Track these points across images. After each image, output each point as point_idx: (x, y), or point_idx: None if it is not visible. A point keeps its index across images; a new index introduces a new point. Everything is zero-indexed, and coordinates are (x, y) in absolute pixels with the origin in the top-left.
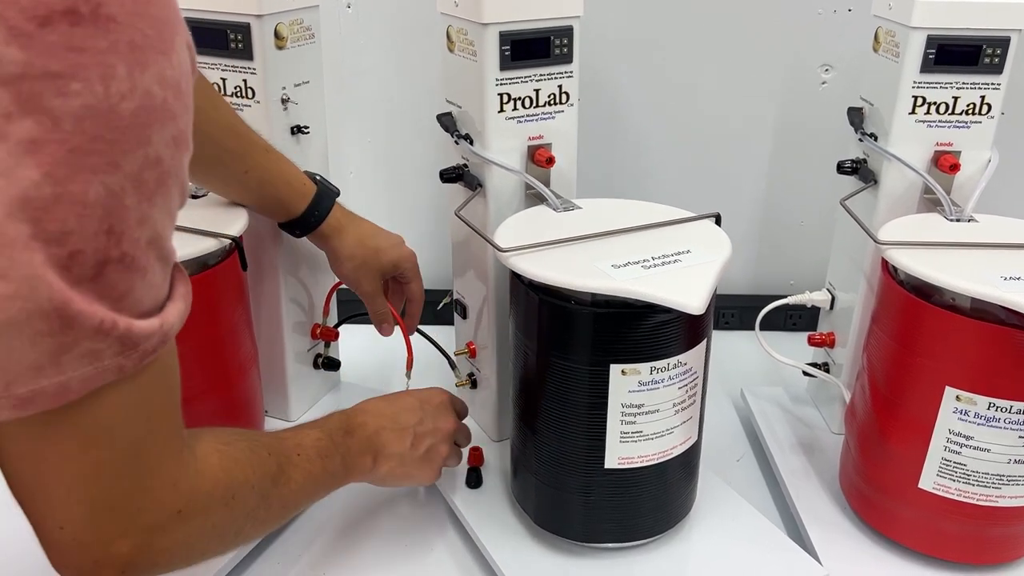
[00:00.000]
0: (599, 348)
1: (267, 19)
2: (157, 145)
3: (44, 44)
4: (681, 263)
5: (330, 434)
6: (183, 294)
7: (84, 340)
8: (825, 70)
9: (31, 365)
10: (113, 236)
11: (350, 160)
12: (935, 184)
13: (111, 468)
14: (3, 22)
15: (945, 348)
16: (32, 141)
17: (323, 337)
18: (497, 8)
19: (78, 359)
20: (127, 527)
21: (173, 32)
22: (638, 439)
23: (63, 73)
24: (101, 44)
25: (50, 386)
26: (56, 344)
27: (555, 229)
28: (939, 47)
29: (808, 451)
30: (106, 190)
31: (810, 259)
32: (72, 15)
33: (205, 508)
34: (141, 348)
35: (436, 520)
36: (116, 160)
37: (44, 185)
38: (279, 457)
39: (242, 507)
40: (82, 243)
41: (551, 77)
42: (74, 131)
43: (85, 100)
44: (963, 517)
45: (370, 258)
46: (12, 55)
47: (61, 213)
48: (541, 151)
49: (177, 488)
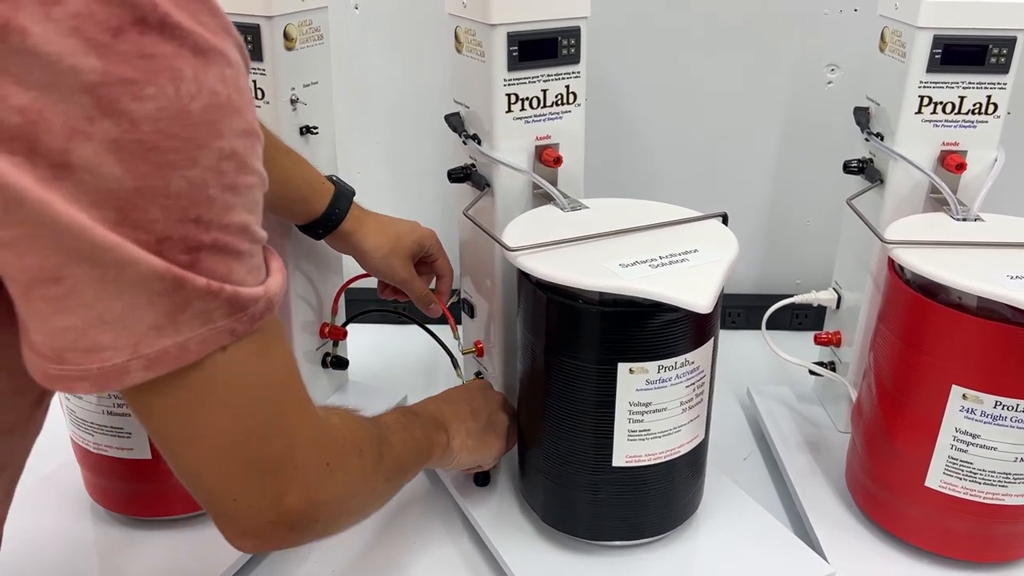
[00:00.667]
0: (607, 347)
1: (276, 20)
2: (229, 138)
3: (118, 53)
4: (688, 262)
5: (401, 414)
6: (278, 268)
7: (196, 300)
8: (831, 70)
9: (152, 324)
10: (201, 224)
11: (358, 160)
12: (941, 183)
13: (258, 431)
14: (81, 35)
15: (951, 347)
16: (113, 140)
17: (331, 336)
18: (505, 9)
19: (192, 319)
20: (289, 484)
21: (226, 34)
22: (645, 437)
23: (137, 79)
24: (167, 50)
25: (172, 346)
26: (171, 304)
27: (563, 228)
28: (945, 47)
29: (814, 449)
30: (188, 183)
31: (816, 258)
32: (141, 24)
33: (344, 460)
34: (250, 311)
35: (444, 518)
36: (194, 155)
37: (126, 179)
38: (374, 426)
39: (370, 460)
40: (168, 230)
41: (558, 77)
42: (152, 131)
43: (159, 102)
44: (969, 515)
45: (395, 245)
46: (91, 64)
47: (144, 204)
48: (548, 151)
49: (320, 443)
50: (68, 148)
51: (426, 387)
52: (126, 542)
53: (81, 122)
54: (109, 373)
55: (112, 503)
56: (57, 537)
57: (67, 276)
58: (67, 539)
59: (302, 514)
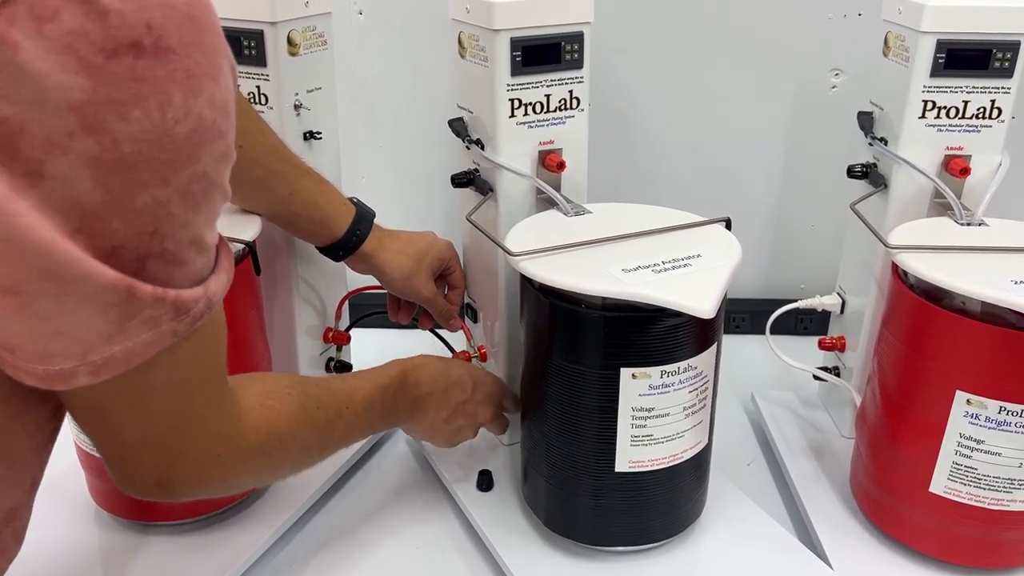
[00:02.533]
0: (609, 352)
1: (280, 26)
2: (205, 162)
3: (110, 74)
4: (691, 267)
5: (383, 389)
6: (226, 267)
7: (145, 308)
8: (835, 74)
9: (102, 334)
10: (156, 237)
11: (362, 165)
12: (945, 188)
13: (164, 417)
14: (74, 53)
15: (955, 352)
16: (93, 158)
17: (335, 341)
18: (508, 15)
19: (140, 325)
20: (175, 461)
21: (221, 57)
22: (648, 443)
23: (125, 100)
24: (160, 74)
25: (120, 352)
26: (122, 313)
27: (566, 233)
28: (949, 51)
29: (819, 455)
30: (154, 200)
31: (821, 263)
32: (137, 48)
33: (244, 454)
34: (191, 313)
35: (446, 522)
36: (167, 176)
37: (95, 192)
38: (327, 411)
39: (282, 455)
40: (124, 240)
41: (562, 83)
42: (131, 151)
43: (143, 125)
44: (974, 521)
45: (417, 265)
46: (80, 83)
47: (107, 215)
48: (552, 156)
49: (218, 435)
50: (43, 159)
51: None
52: (130, 546)
53: (62, 137)
54: (54, 376)
55: (116, 507)
56: (61, 541)
57: (25, 291)
58: (71, 543)
59: (174, 484)
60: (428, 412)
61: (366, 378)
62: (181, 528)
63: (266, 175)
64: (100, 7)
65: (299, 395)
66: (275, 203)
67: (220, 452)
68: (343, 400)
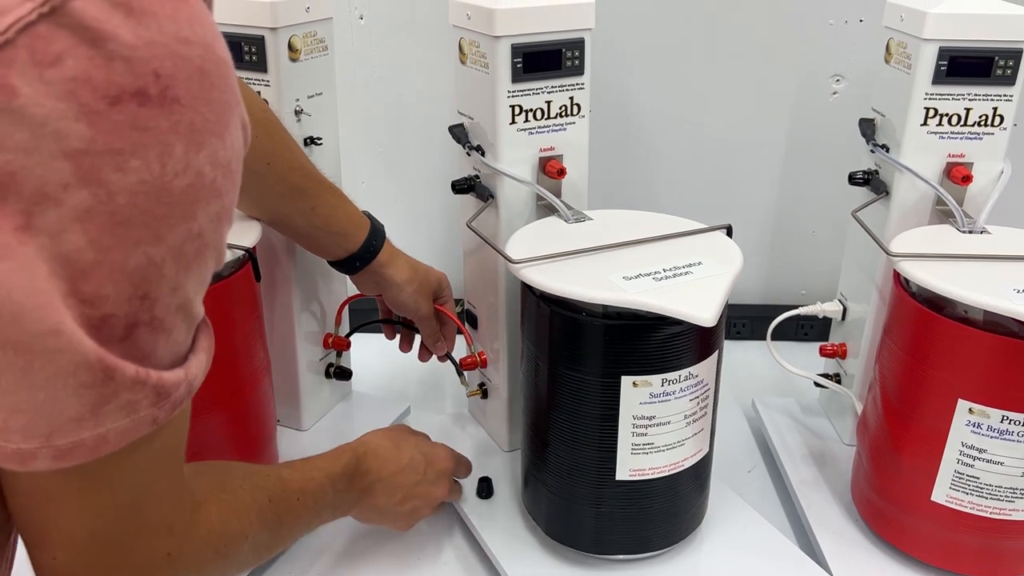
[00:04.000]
0: (610, 360)
1: (281, 32)
2: (201, 221)
3: (111, 122)
4: (692, 275)
5: (333, 481)
6: (206, 347)
7: (123, 391)
8: (836, 80)
9: (72, 417)
10: (147, 301)
11: (362, 170)
12: (947, 196)
13: (113, 511)
14: (75, 99)
15: (957, 360)
16: (85, 210)
17: (335, 347)
18: (509, 21)
19: (116, 411)
20: (119, 564)
21: (231, 113)
22: (649, 451)
23: (124, 150)
24: (163, 124)
25: (89, 438)
26: (97, 395)
27: (566, 240)
28: (951, 59)
29: (820, 462)
30: (147, 260)
31: (822, 269)
32: (141, 96)
33: (195, 553)
34: (172, 397)
35: (447, 531)
36: (161, 233)
37: (88, 251)
38: (278, 505)
39: (233, 554)
40: (115, 308)
41: (562, 89)
42: (126, 204)
43: (141, 176)
44: (976, 530)
45: (423, 281)
46: (79, 131)
47: (99, 278)
48: (552, 163)
49: (171, 532)
50: (32, 211)
51: (430, 397)
52: None
53: (55, 188)
54: (11, 455)
55: None
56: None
57: None
58: None
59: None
60: (379, 498)
61: (317, 466)
62: None
63: (289, 190)
64: (108, 53)
65: (251, 489)
66: (296, 216)
67: (170, 551)
68: (295, 492)
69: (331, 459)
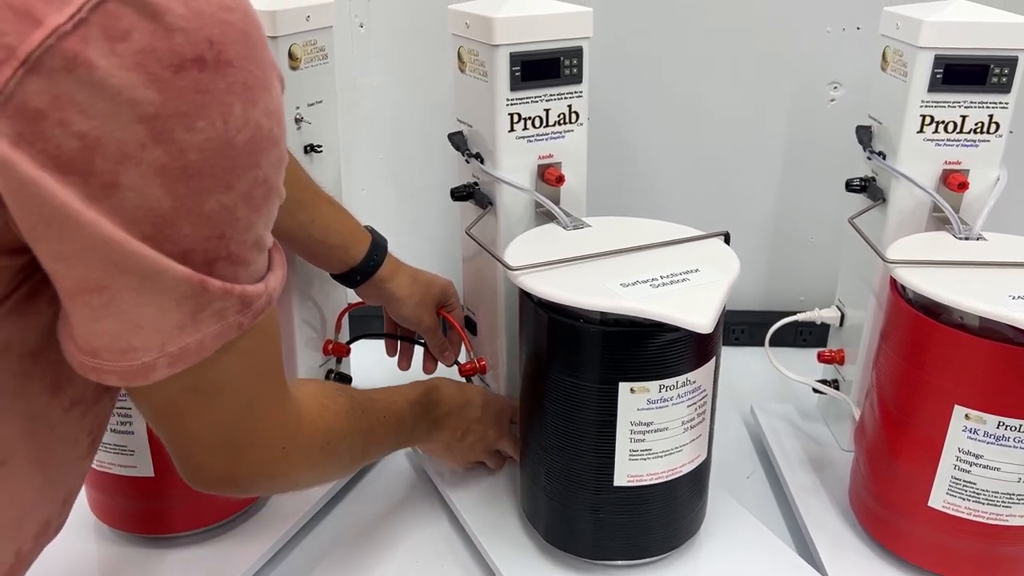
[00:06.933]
0: (608, 366)
1: (281, 40)
2: (264, 168)
3: (176, 88)
4: (689, 282)
5: (412, 406)
6: (280, 263)
7: (215, 300)
8: (834, 87)
9: (177, 324)
10: (224, 240)
11: (363, 177)
12: (943, 202)
13: (231, 415)
14: (143, 69)
15: (954, 366)
16: (162, 167)
17: (335, 353)
18: (508, 30)
19: (210, 317)
20: (244, 458)
21: (271, 70)
22: (647, 457)
23: (190, 112)
24: (221, 86)
25: (192, 343)
26: (194, 305)
27: (564, 247)
28: (947, 67)
29: (818, 468)
30: (220, 205)
31: (820, 275)
32: (200, 62)
33: (306, 448)
34: (254, 307)
35: (446, 536)
36: (231, 182)
37: (166, 200)
38: (370, 417)
39: (335, 452)
40: (194, 244)
41: (561, 97)
42: (197, 159)
43: (207, 134)
44: (973, 536)
45: (425, 293)
46: (150, 97)
47: (178, 221)
48: (551, 170)
49: (282, 430)
50: (118, 170)
51: None
52: (130, 560)
53: (134, 148)
54: (138, 370)
55: (116, 521)
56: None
57: (109, 287)
58: (71, 556)
59: (248, 482)
60: (444, 432)
61: (402, 394)
62: (182, 541)
63: (287, 203)
64: (167, 25)
65: (347, 399)
66: (295, 229)
67: (285, 446)
68: (383, 410)
69: (409, 389)
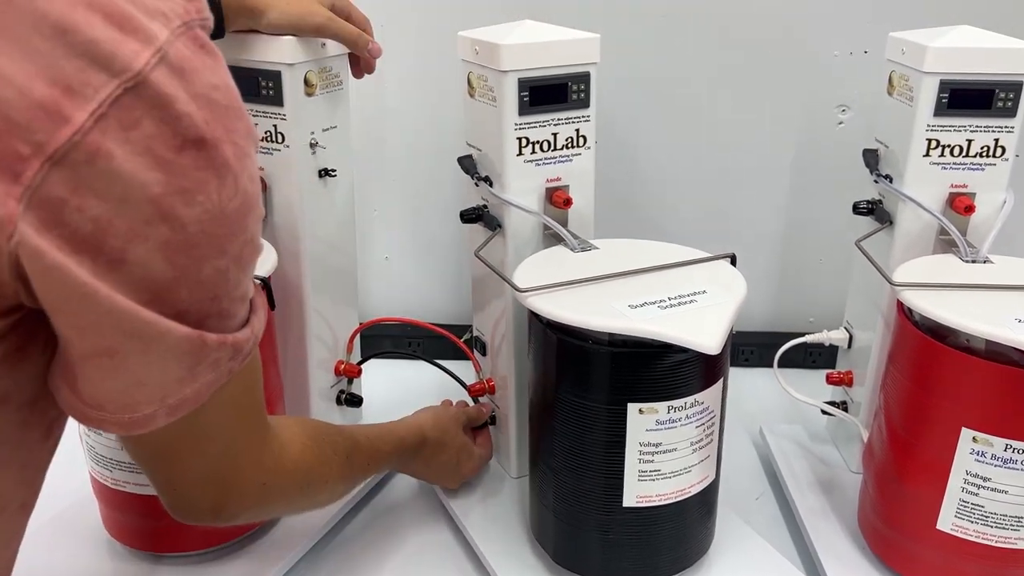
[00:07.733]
0: (616, 387)
1: (297, 67)
2: (251, 228)
3: (179, 167)
4: (697, 303)
5: (401, 451)
6: (261, 304)
7: (212, 352)
8: (842, 110)
9: (176, 378)
10: (216, 300)
11: (375, 200)
12: (950, 225)
13: (214, 454)
14: (151, 153)
15: (961, 389)
16: (165, 242)
17: (346, 373)
18: (516, 56)
19: (206, 369)
20: (225, 492)
21: (251, 135)
22: (656, 477)
23: (191, 188)
24: (217, 161)
25: (190, 392)
26: (193, 359)
27: (573, 269)
28: (952, 91)
29: (827, 490)
30: (215, 270)
31: (829, 296)
32: (198, 142)
33: (284, 485)
34: (243, 351)
35: (454, 555)
36: (224, 247)
37: (167, 271)
38: (353, 463)
39: (314, 494)
40: (190, 306)
41: (568, 121)
42: (196, 231)
43: (205, 207)
44: (981, 559)
45: None
46: (156, 177)
47: (177, 288)
48: (559, 193)
49: (262, 467)
50: (126, 248)
51: None
52: None
53: (141, 226)
54: (139, 421)
55: (129, 538)
56: (75, 571)
57: (119, 351)
58: (84, 573)
59: (230, 514)
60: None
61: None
62: (193, 559)
63: None
64: (173, 113)
65: (331, 443)
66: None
67: (264, 482)
68: (369, 454)
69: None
